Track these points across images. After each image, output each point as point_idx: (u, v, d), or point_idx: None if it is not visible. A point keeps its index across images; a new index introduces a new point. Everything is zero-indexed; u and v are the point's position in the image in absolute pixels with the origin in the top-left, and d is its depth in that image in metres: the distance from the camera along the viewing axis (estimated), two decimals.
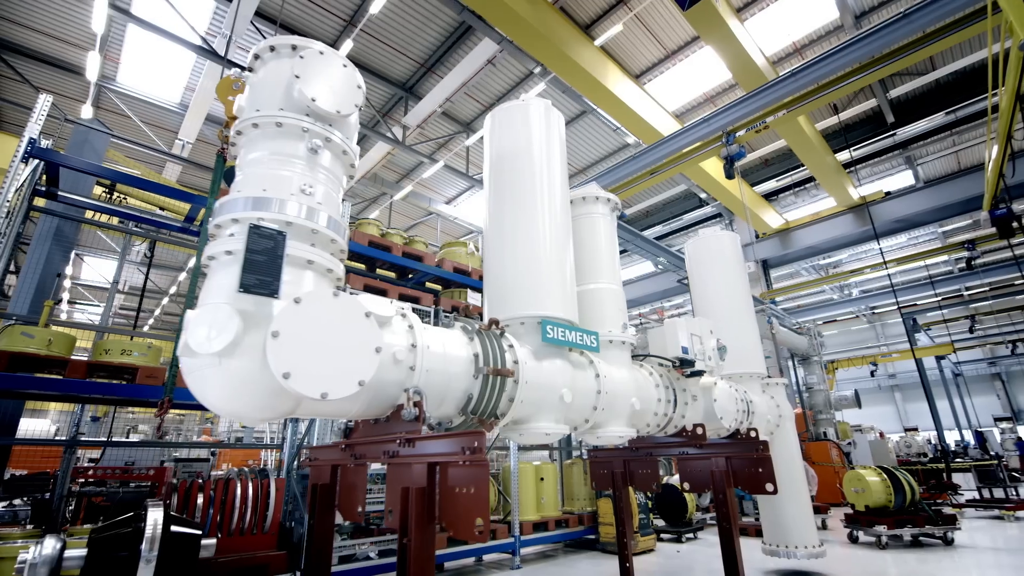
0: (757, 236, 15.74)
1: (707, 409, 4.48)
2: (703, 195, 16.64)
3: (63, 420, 13.67)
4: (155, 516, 2.64)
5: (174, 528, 2.52)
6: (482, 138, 15.25)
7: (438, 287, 6.93)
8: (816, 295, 25.64)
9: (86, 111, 11.88)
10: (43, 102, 4.15)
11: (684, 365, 4.11)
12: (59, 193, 4.44)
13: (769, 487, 4.13)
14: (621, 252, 19.53)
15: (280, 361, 2.01)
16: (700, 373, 4.22)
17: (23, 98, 12.44)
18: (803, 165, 14.55)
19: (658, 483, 4.50)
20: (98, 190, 6.06)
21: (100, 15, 10.11)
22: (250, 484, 4.43)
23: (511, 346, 3.09)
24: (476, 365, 2.81)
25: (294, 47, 2.65)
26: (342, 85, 2.64)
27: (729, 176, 8.74)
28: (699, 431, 4.24)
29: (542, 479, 7.02)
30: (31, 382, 3.68)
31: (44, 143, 4.42)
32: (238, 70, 3.00)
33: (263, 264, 2.15)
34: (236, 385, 2.12)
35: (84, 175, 4.76)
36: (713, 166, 13.44)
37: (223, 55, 11.70)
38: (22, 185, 4.14)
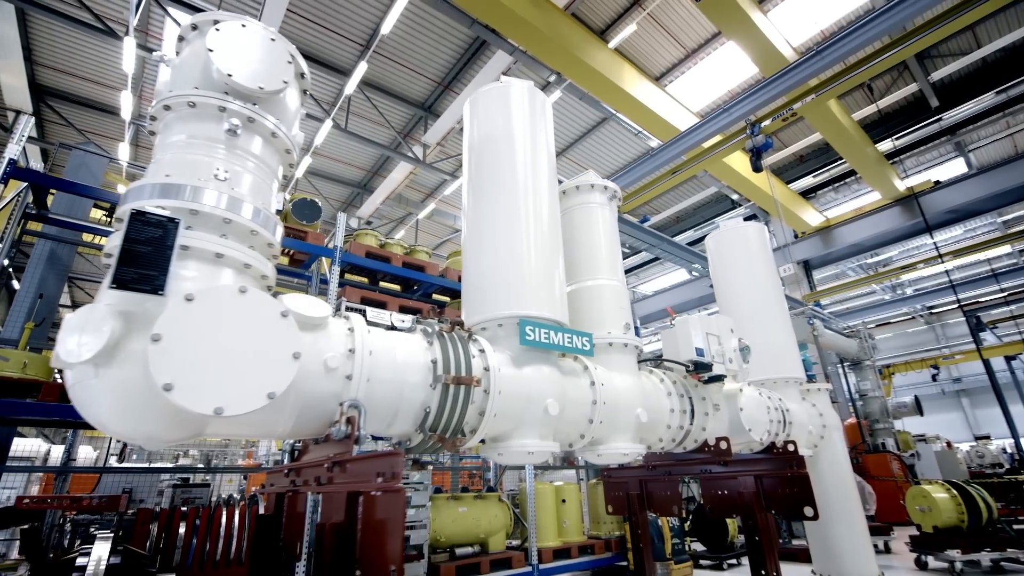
0: (796, 236, 14.72)
1: (732, 420, 3.86)
2: (735, 196, 15.77)
3: (99, 446, 13.91)
4: (100, 550, 2.29)
5: (114, 562, 2.15)
6: None
7: (446, 299, 6.55)
8: (866, 296, 23.90)
9: (123, 150, 12.29)
10: (25, 123, 4.08)
11: (699, 369, 3.53)
12: (50, 215, 4.35)
13: (808, 511, 3.47)
14: (652, 260, 18.82)
15: (162, 370, 1.63)
16: (720, 378, 3.62)
17: (70, 136, 13.02)
18: (841, 158, 13.56)
19: (679, 505, 3.89)
20: (99, 214, 6.06)
21: (129, 57, 10.46)
22: (236, 512, 4.09)
23: (482, 351, 2.63)
24: (434, 373, 2.37)
25: (216, 22, 2.33)
26: (266, 58, 2.30)
27: (756, 169, 8.08)
28: (723, 445, 3.63)
29: (564, 501, 6.42)
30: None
31: (36, 166, 4.31)
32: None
33: (146, 256, 1.79)
34: (123, 401, 1.74)
35: (82, 199, 4.68)
36: (743, 164, 12.66)
37: None
38: (7, 207, 4.02)
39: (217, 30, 2.22)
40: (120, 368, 1.71)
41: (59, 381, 3.90)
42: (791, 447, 4.11)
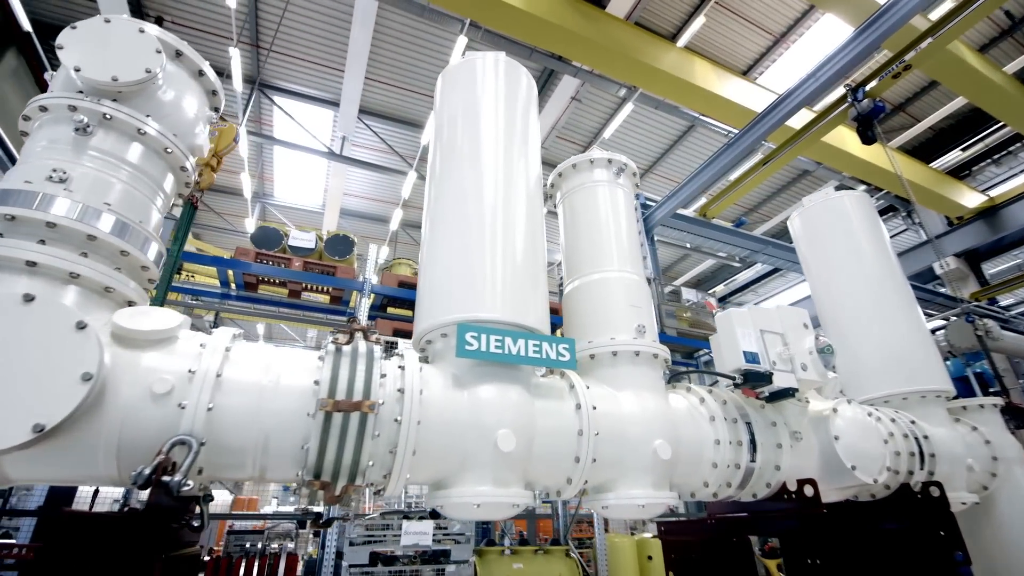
0: (951, 223, 11.85)
1: (825, 453, 2.68)
2: (861, 188, 13.27)
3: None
4: None
5: None
6: None
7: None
8: None
9: (250, 224, 13.82)
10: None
11: (753, 381, 2.48)
12: None
13: None
14: (772, 272, 16.51)
15: None
16: (787, 393, 2.51)
17: (208, 219, 15.04)
18: (997, 123, 10.79)
19: None
20: None
21: (243, 142, 11.84)
22: (256, 562, 3.75)
23: (401, 367, 1.98)
24: (317, 398, 1.77)
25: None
26: (126, 49, 2.00)
27: (866, 141, 6.50)
28: (807, 491, 2.47)
29: (650, 558, 5.24)
30: None
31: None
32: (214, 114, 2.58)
33: None
34: None
35: None
36: (860, 146, 10.57)
37: (339, 153, 12.95)
38: None
39: (73, 28, 1.98)
40: None
41: None
42: (934, 491, 2.76)
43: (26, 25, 9.10)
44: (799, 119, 7.50)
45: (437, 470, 1.97)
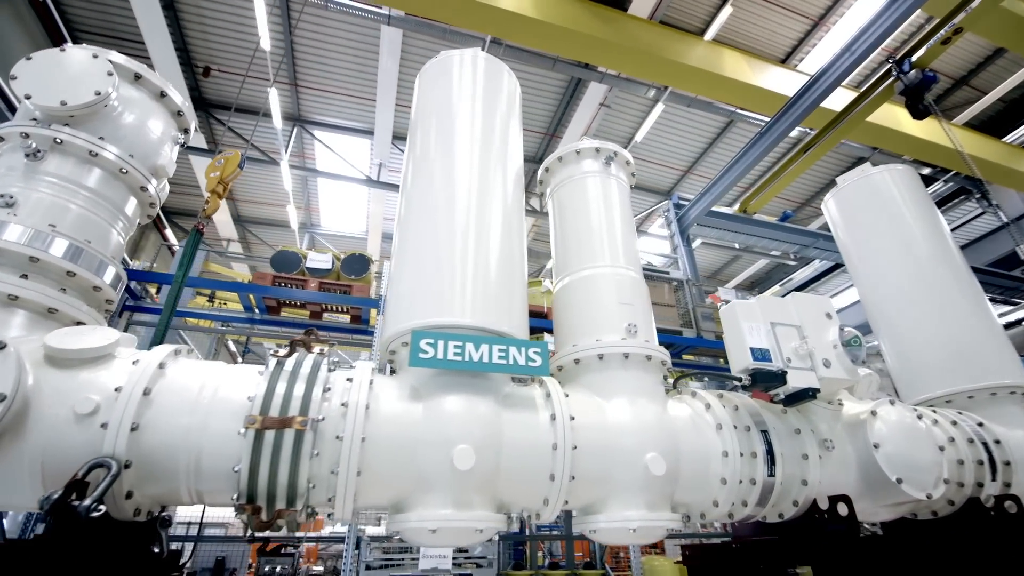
0: None
1: (864, 463, 2.27)
2: (925, 171, 12.09)
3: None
4: None
5: None
6: None
7: None
8: None
9: None
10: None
11: (763, 382, 2.13)
12: (142, 306, 4.88)
13: None
14: (833, 268, 15.40)
15: None
16: (808, 394, 2.14)
17: (261, 251, 15.79)
18: None
19: None
20: (202, 300, 6.86)
21: (287, 176, 12.40)
22: None
23: (349, 379, 1.83)
24: (245, 415, 1.64)
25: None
26: (76, 73, 2.01)
27: (917, 115, 5.86)
28: (841, 510, 2.08)
29: None
30: None
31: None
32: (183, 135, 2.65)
33: None
34: None
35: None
36: (919, 125, 9.64)
37: (377, 179, 13.28)
38: None
39: (28, 59, 2.01)
40: None
41: None
42: (1011, 506, 2.28)
43: None
44: (839, 101, 6.90)
45: (391, 491, 1.79)
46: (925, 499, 2.20)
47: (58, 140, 1.94)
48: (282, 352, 1.82)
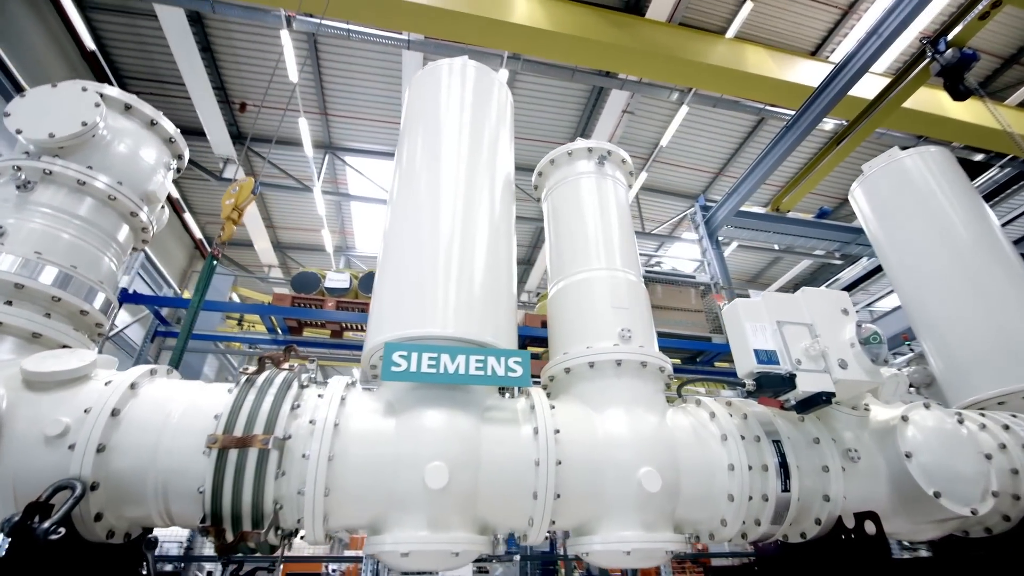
0: None
1: (896, 475, 2.02)
2: (978, 157, 11.24)
3: None
4: None
5: None
6: (639, 193, 13.67)
7: (540, 349, 5.59)
8: None
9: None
10: (133, 257, 4.90)
11: (769, 387, 1.93)
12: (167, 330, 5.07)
13: None
14: (876, 271, 14.51)
15: None
16: (822, 399, 1.92)
17: None
18: None
19: None
20: (232, 323, 7.07)
21: (320, 202, 12.80)
22: None
23: (320, 396, 1.77)
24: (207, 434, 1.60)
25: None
26: (65, 106, 2.09)
27: (957, 96, 5.45)
28: (868, 528, 1.84)
29: None
30: None
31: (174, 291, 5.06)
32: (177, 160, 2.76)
33: None
34: None
35: (209, 313, 5.42)
36: (967, 110, 9.01)
37: None
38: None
39: (22, 96, 2.11)
40: None
41: None
42: None
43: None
44: (872, 89, 6.51)
45: (366, 512, 1.71)
46: (968, 515, 1.93)
47: (47, 171, 2.01)
48: (252, 369, 1.78)
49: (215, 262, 3.97)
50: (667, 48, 9.12)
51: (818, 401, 1.91)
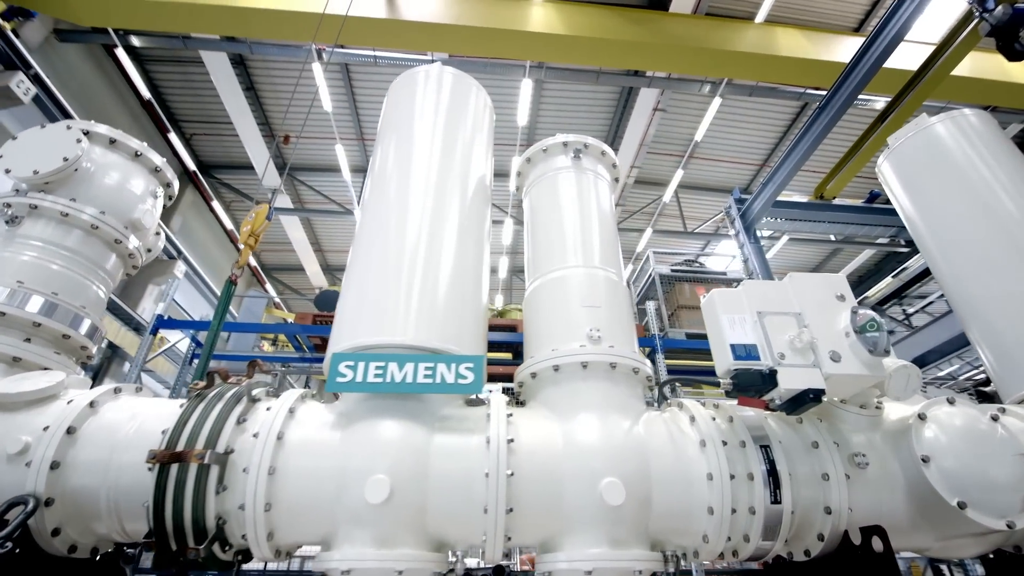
0: None
1: (914, 483, 1.74)
2: None
3: None
4: None
5: None
6: (677, 191, 13.17)
7: None
8: None
9: None
10: (152, 292, 5.22)
11: (749, 385, 1.72)
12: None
13: None
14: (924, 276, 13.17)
15: None
16: (809, 397, 1.68)
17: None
18: None
19: None
20: (267, 345, 7.36)
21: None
22: None
23: (268, 408, 1.75)
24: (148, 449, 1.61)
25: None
26: (50, 145, 2.22)
27: (1013, 57, 4.86)
28: (876, 545, 1.59)
29: None
30: None
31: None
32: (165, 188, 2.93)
33: None
34: None
35: (247, 334, 5.67)
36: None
37: None
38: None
39: (14, 139, 2.26)
40: None
41: None
42: None
43: (191, 164, 11.36)
44: (915, 59, 5.94)
45: (314, 527, 1.66)
46: (1005, 529, 1.62)
47: (33, 205, 2.14)
48: (202, 384, 1.79)
49: (232, 286, 4.13)
50: (694, 40, 8.80)
51: (805, 399, 1.68)
